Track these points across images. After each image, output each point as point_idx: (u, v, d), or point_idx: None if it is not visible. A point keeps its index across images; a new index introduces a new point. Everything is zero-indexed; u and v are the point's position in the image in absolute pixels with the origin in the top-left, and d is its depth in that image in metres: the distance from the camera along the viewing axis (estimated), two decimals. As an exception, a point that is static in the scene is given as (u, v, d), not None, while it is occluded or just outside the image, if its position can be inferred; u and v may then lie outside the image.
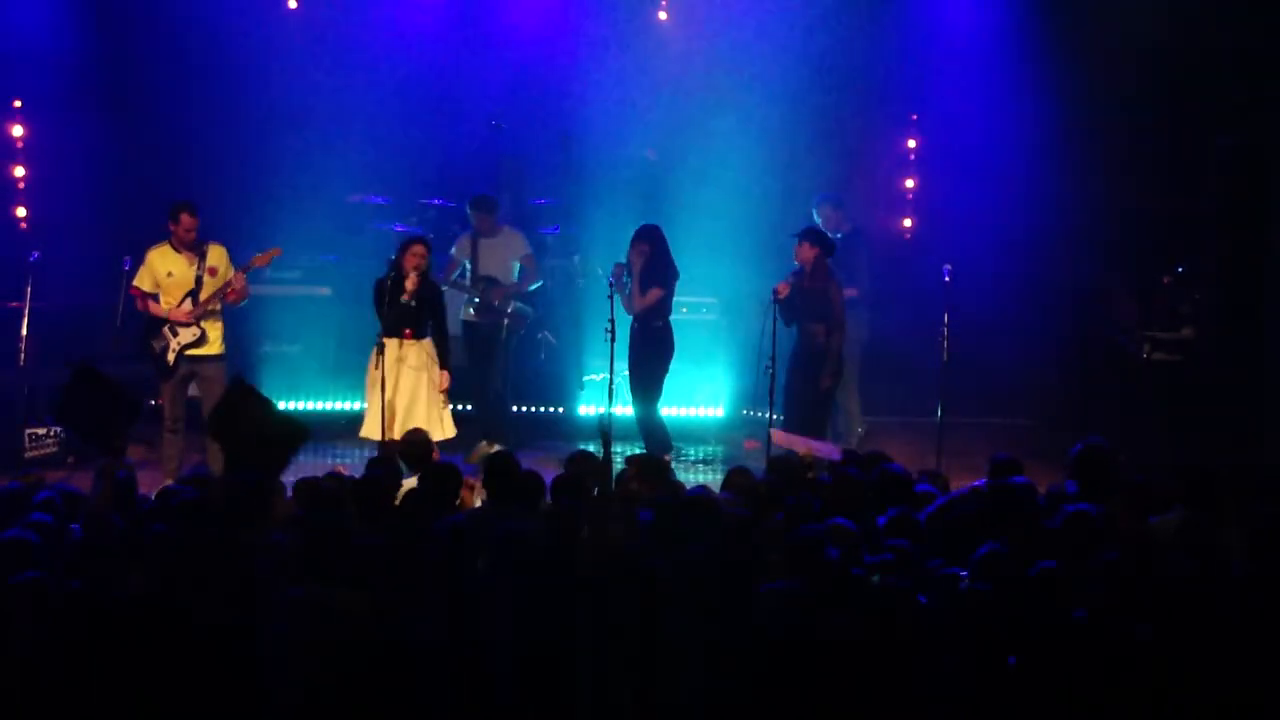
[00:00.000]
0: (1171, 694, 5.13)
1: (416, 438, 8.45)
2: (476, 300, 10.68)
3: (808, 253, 9.77)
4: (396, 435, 9.09)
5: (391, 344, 9.31)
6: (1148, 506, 6.58)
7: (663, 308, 10.08)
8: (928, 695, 5.15)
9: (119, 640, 5.05)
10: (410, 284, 9.30)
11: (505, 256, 10.80)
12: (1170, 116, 11.60)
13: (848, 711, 5.12)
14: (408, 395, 9.38)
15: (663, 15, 12.83)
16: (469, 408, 10.90)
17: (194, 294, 9.55)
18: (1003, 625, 5.29)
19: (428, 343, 9.49)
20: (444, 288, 10.13)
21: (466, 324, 10.85)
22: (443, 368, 9.46)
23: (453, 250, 10.93)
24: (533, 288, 11.02)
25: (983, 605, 5.38)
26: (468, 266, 10.88)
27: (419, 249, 9.36)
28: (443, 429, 9.46)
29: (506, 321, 10.88)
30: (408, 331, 9.33)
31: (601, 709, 5.13)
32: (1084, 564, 5.64)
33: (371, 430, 9.42)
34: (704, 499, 6.68)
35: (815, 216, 11.02)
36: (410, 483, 7.64)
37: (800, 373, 9.82)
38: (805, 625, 5.25)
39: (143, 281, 9.57)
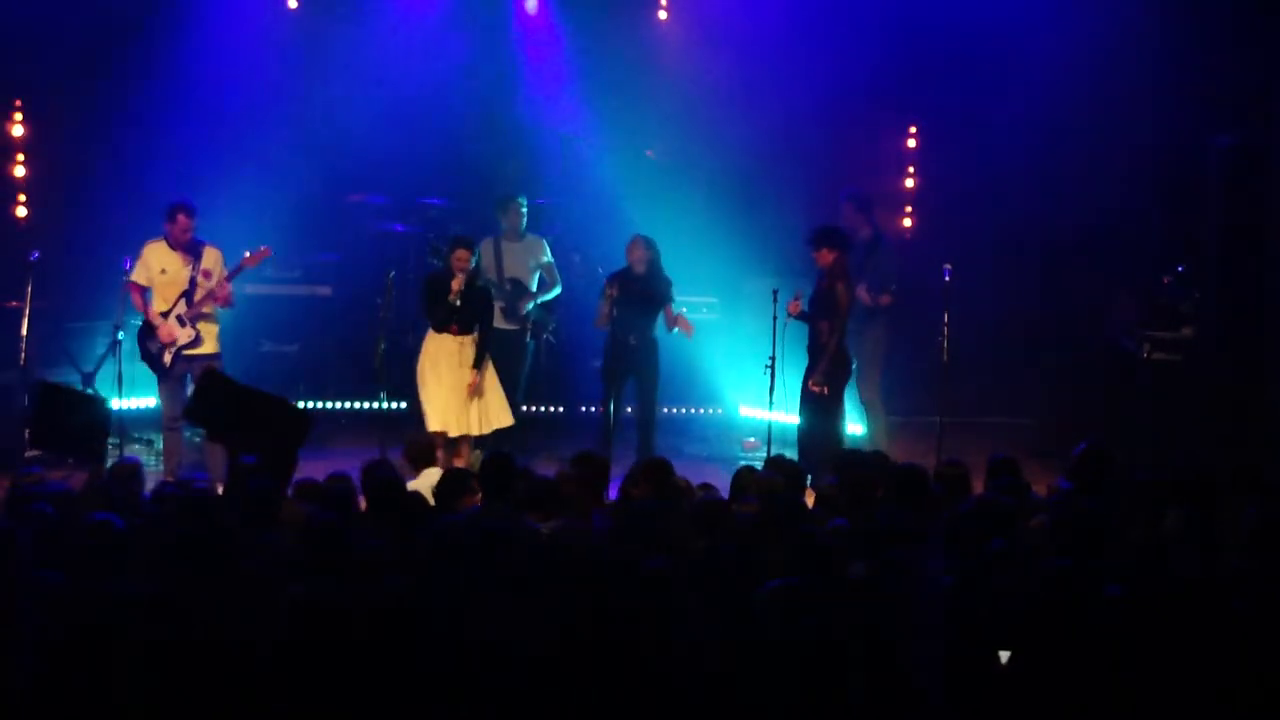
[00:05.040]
0: (1170, 691, 5.13)
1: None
2: (503, 305, 10.62)
3: (827, 257, 9.72)
4: (450, 427, 9.63)
5: (437, 339, 9.74)
6: (1147, 506, 6.58)
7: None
8: (923, 693, 5.15)
9: (116, 639, 5.05)
10: (455, 285, 9.65)
11: (528, 262, 10.80)
12: (1170, 116, 11.60)
13: (848, 708, 5.13)
14: (453, 388, 9.72)
15: (663, 15, 12.85)
16: None
17: (188, 295, 9.58)
18: (1001, 623, 5.29)
19: (470, 339, 9.76)
20: None
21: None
22: (475, 366, 9.72)
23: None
24: (553, 294, 11.01)
25: (979, 602, 5.38)
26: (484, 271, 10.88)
27: (462, 253, 9.71)
28: (504, 418, 9.92)
29: (530, 327, 10.89)
30: (453, 328, 9.71)
31: (606, 709, 5.13)
32: (1085, 563, 5.64)
33: (437, 422, 9.70)
34: (711, 499, 6.70)
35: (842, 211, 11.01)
36: (413, 484, 7.65)
37: (809, 374, 9.82)
38: (806, 623, 5.25)
39: (138, 276, 9.63)
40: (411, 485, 7.65)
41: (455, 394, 9.71)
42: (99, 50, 11.82)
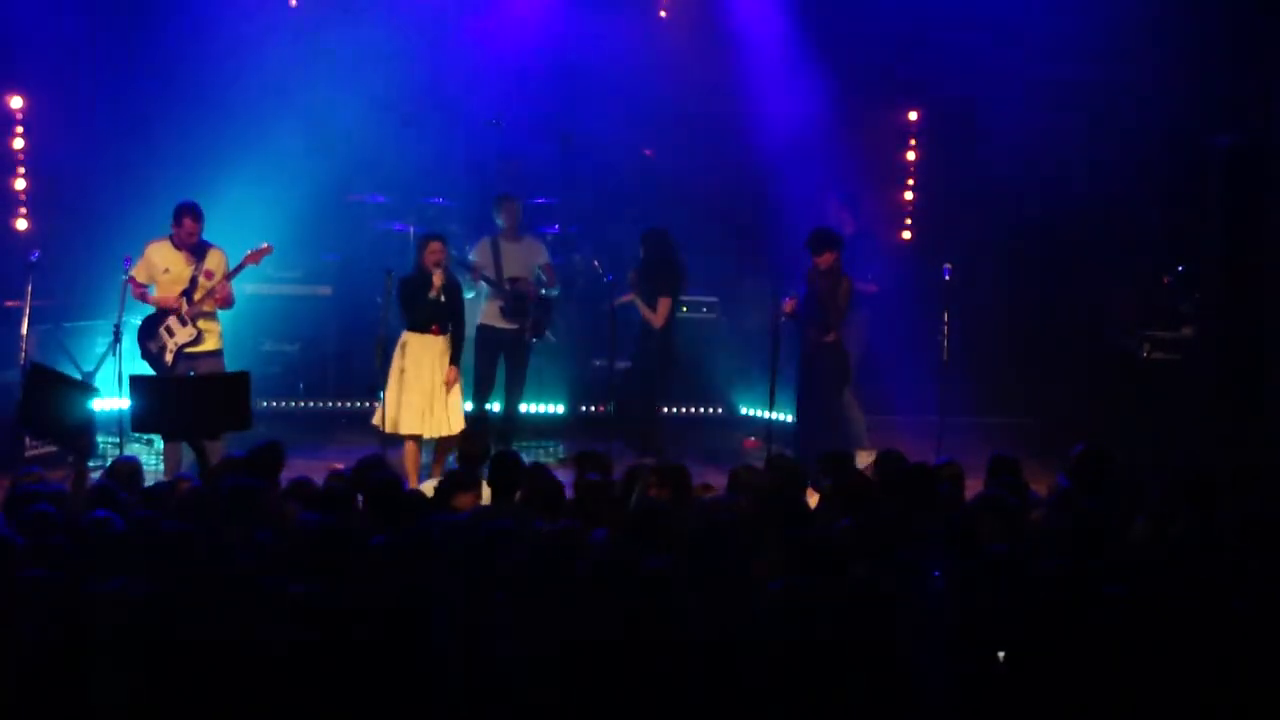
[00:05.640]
0: (1170, 691, 5.13)
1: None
2: (503, 304, 10.59)
3: (828, 259, 9.74)
4: (424, 429, 9.48)
5: (418, 338, 9.55)
6: (1147, 506, 6.58)
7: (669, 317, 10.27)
8: (924, 694, 5.15)
9: (112, 639, 5.05)
10: (437, 280, 9.48)
11: (528, 263, 10.79)
12: (1170, 116, 11.60)
13: (848, 710, 5.12)
14: (432, 389, 9.55)
15: (663, 14, 12.86)
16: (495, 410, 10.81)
17: (188, 294, 9.59)
18: (1001, 623, 5.29)
19: (447, 338, 9.64)
20: (476, 285, 10.35)
21: (487, 328, 10.62)
22: (452, 363, 9.60)
23: (472, 256, 10.66)
24: (552, 293, 11.01)
25: (979, 602, 5.38)
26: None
27: (435, 245, 9.54)
28: (460, 421, 9.63)
29: (531, 325, 10.89)
30: (435, 327, 9.56)
31: (606, 709, 5.13)
32: (1085, 563, 5.64)
33: (389, 422, 9.51)
34: (712, 499, 6.70)
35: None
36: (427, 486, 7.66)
37: (807, 374, 9.79)
38: (806, 624, 5.25)
39: (139, 274, 9.63)
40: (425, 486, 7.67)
41: (426, 398, 9.50)
42: (99, 50, 11.83)
